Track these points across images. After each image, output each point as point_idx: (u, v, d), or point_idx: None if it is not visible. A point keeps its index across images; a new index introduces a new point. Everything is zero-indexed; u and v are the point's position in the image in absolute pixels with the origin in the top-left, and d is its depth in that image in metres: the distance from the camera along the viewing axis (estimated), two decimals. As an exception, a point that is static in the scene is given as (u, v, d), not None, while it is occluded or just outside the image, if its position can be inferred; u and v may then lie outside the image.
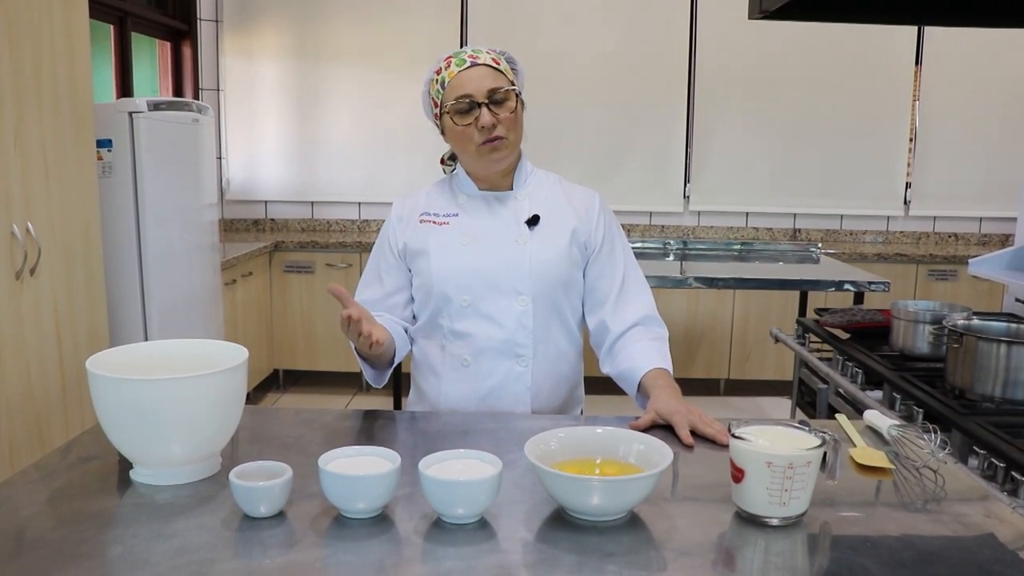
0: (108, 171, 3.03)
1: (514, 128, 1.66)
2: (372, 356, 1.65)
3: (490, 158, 1.65)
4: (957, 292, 4.73)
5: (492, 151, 1.64)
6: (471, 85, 1.61)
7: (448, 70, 1.64)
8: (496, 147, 1.64)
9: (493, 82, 1.62)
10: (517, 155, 1.73)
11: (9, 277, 2.27)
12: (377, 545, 1.05)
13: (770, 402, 4.79)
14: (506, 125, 1.63)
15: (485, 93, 1.61)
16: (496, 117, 1.61)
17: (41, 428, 2.40)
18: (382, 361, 1.70)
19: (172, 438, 1.19)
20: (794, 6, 1.92)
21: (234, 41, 5.09)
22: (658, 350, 1.67)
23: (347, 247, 4.69)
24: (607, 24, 5.03)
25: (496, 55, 1.67)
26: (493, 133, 1.62)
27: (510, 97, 1.64)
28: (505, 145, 1.65)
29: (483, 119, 1.61)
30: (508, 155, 1.67)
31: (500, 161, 1.67)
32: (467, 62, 1.63)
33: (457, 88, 1.62)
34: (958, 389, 1.95)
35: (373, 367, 1.71)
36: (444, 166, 1.81)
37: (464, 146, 1.66)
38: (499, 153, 1.65)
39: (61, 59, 2.49)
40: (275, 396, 4.79)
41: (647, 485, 1.11)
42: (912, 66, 5.07)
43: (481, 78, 1.62)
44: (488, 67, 1.63)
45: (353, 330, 1.50)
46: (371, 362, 1.70)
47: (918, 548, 1.07)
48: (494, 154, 1.65)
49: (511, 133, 1.65)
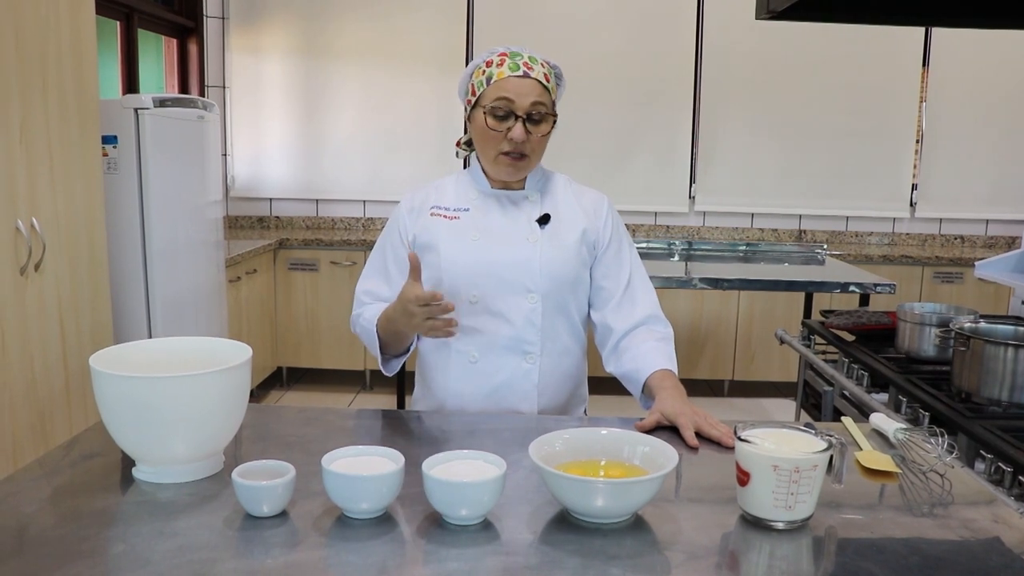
0: (113, 167, 3.03)
1: (538, 150, 1.67)
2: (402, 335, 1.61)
3: (505, 170, 1.67)
4: (963, 295, 4.71)
5: (509, 165, 1.65)
6: (516, 94, 1.60)
7: (499, 68, 1.62)
8: (516, 164, 1.65)
9: (538, 99, 1.62)
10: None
11: (14, 273, 2.27)
12: (380, 545, 1.05)
13: (774, 404, 4.78)
14: (533, 145, 1.64)
15: (527, 107, 1.61)
16: (528, 135, 1.62)
17: (44, 425, 2.41)
18: (400, 348, 1.69)
19: (175, 436, 1.19)
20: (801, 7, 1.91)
21: (240, 38, 5.09)
22: (663, 351, 1.67)
23: (352, 245, 4.69)
24: (613, 24, 5.02)
25: (548, 70, 1.67)
26: (520, 149, 1.63)
27: (547, 120, 1.64)
28: (526, 164, 1.67)
29: (515, 132, 1.61)
30: (524, 172, 1.69)
31: (512, 175, 1.69)
32: (520, 70, 1.61)
33: (501, 91, 1.61)
34: (965, 392, 1.94)
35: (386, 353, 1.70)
36: (459, 148, 1.81)
37: (486, 147, 1.66)
38: (516, 169, 1.67)
39: (67, 55, 2.49)
40: (279, 394, 4.79)
41: (652, 487, 1.10)
42: (919, 67, 5.05)
43: (528, 91, 1.61)
44: (538, 83, 1.62)
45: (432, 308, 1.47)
46: (386, 348, 1.69)
47: (925, 553, 1.06)
48: (510, 168, 1.66)
49: (535, 155, 1.66)
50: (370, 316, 1.68)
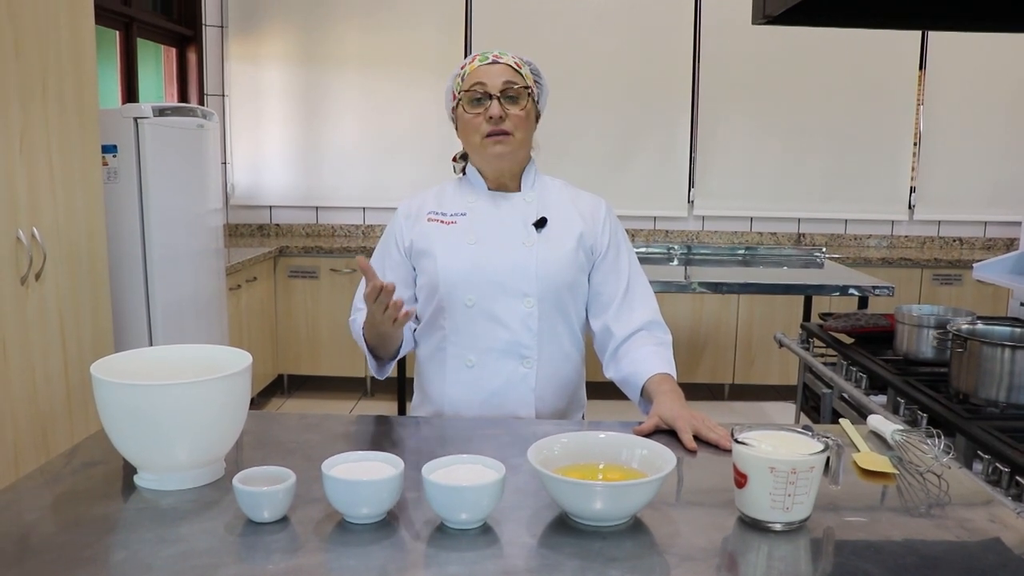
0: (113, 176, 3.04)
1: (522, 127, 1.67)
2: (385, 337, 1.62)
3: (492, 151, 1.66)
4: (962, 296, 4.72)
5: (495, 143, 1.65)
6: (488, 77, 1.65)
7: (471, 64, 1.69)
8: (500, 140, 1.65)
9: (509, 78, 1.65)
10: (524, 157, 1.74)
11: (14, 282, 2.28)
12: (380, 550, 1.05)
13: (774, 407, 4.78)
14: (514, 122, 1.65)
15: (499, 86, 1.64)
16: (505, 110, 1.64)
17: (46, 433, 2.41)
18: (388, 351, 1.70)
19: (176, 443, 1.20)
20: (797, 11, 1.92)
21: (239, 47, 5.11)
22: (662, 355, 1.67)
23: (352, 252, 4.69)
24: (611, 30, 5.04)
25: (521, 61, 1.70)
26: (500, 126, 1.64)
27: (523, 96, 1.66)
28: (510, 141, 1.66)
29: (492, 109, 1.63)
30: (511, 151, 1.68)
31: (502, 156, 1.67)
32: (489, 59, 1.67)
33: (473, 79, 1.66)
34: (962, 394, 1.94)
35: (378, 357, 1.71)
36: (455, 163, 1.82)
37: (470, 137, 1.68)
38: (502, 147, 1.66)
39: (67, 65, 2.50)
40: (279, 401, 4.79)
41: (650, 490, 1.11)
42: (916, 71, 5.07)
43: (499, 73, 1.66)
44: (508, 66, 1.67)
45: (382, 301, 1.48)
46: (377, 352, 1.69)
47: (922, 553, 1.07)
48: (497, 147, 1.66)
49: (518, 131, 1.66)
50: (361, 320, 1.69)
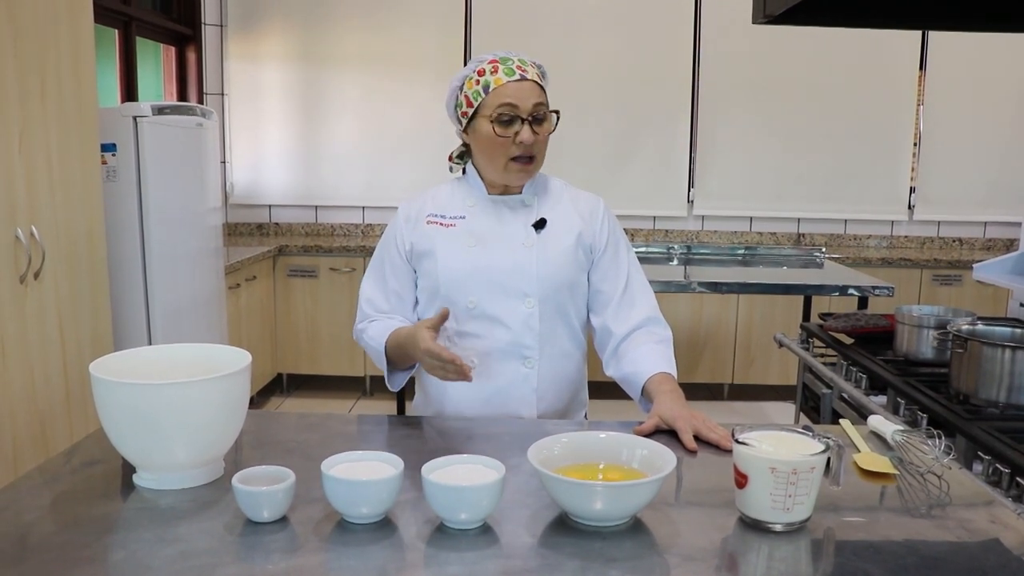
0: (112, 175, 3.03)
1: (543, 149, 1.68)
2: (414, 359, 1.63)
3: (517, 175, 1.67)
4: (962, 297, 4.72)
5: (521, 169, 1.66)
6: (518, 97, 1.61)
7: (495, 76, 1.62)
8: (526, 168, 1.66)
9: (539, 100, 1.63)
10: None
11: (13, 281, 2.28)
12: (380, 550, 1.05)
13: (774, 407, 4.78)
14: (540, 144, 1.65)
15: (530, 109, 1.62)
16: (536, 136, 1.63)
17: (45, 432, 2.41)
18: (407, 364, 1.70)
19: (175, 443, 1.19)
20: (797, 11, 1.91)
21: (238, 46, 5.10)
22: (662, 353, 1.67)
23: (351, 251, 4.69)
24: (611, 29, 5.04)
25: (539, 73, 1.68)
26: (529, 151, 1.64)
27: (549, 118, 1.66)
28: (535, 165, 1.68)
29: (524, 135, 1.62)
30: (533, 175, 1.70)
31: (524, 178, 1.70)
32: (516, 74, 1.62)
33: (503, 97, 1.61)
34: (962, 394, 1.94)
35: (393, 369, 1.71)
36: (452, 163, 1.81)
37: (494, 155, 1.66)
38: (527, 173, 1.68)
39: (66, 63, 2.50)
40: (279, 400, 4.79)
41: (650, 490, 1.11)
42: (916, 71, 5.07)
43: (529, 94, 1.62)
44: (535, 84, 1.64)
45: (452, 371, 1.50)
46: (394, 365, 1.70)
47: (922, 554, 1.07)
48: (522, 172, 1.67)
49: (540, 155, 1.68)
50: (375, 334, 1.70)
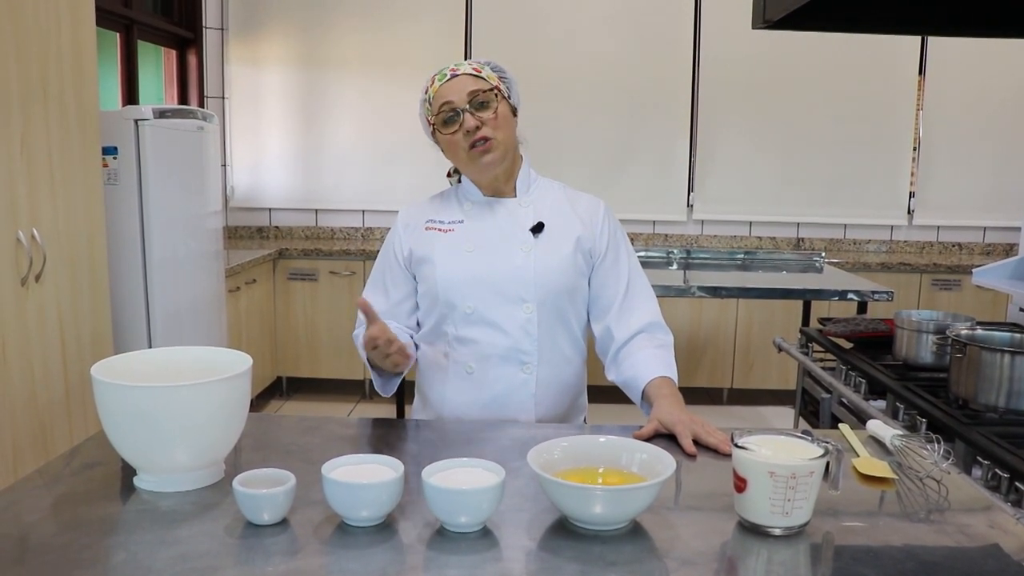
0: (113, 178, 3.04)
1: (501, 128, 1.66)
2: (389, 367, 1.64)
3: (480, 161, 1.66)
4: (961, 302, 4.72)
5: (481, 154, 1.65)
6: (451, 94, 1.64)
7: (432, 87, 1.68)
8: (485, 149, 1.64)
9: (472, 87, 1.64)
10: (514, 159, 1.73)
11: (14, 283, 2.28)
12: (380, 553, 1.05)
13: (773, 412, 4.78)
14: (491, 126, 1.64)
15: (465, 98, 1.64)
16: (479, 119, 1.63)
17: (45, 434, 2.41)
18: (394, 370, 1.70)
19: (176, 445, 1.20)
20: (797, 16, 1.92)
21: (239, 49, 5.11)
22: (662, 358, 1.67)
23: (351, 255, 4.70)
24: (611, 33, 5.04)
25: (479, 64, 1.69)
26: (478, 135, 1.63)
27: (491, 99, 1.65)
28: (494, 146, 1.65)
29: (466, 123, 1.63)
30: (499, 156, 1.67)
31: (492, 164, 1.67)
32: (447, 75, 1.66)
33: (440, 99, 1.65)
34: (961, 399, 1.94)
35: (382, 375, 1.71)
36: (450, 179, 1.82)
37: (456, 154, 1.68)
38: (489, 155, 1.65)
39: (68, 67, 2.51)
40: (279, 403, 4.79)
41: (649, 494, 1.11)
42: (916, 75, 5.08)
43: (461, 86, 1.64)
44: (468, 75, 1.66)
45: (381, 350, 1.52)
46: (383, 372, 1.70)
47: (921, 559, 1.07)
48: (484, 156, 1.65)
49: (498, 132, 1.65)
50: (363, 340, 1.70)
